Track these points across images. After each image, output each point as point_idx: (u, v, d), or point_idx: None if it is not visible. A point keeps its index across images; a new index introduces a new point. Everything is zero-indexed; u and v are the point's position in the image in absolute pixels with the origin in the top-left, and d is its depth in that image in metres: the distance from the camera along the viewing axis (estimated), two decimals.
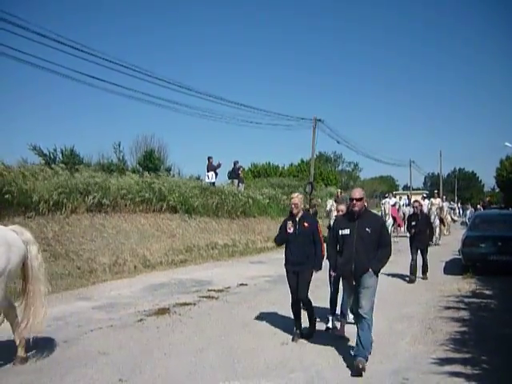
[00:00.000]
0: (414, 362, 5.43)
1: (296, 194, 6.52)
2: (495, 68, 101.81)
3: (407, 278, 10.89)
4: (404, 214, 24.00)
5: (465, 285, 10.20)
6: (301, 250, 6.19)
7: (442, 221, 21.40)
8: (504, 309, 8.10)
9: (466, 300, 8.74)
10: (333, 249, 5.67)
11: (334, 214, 19.56)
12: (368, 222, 5.41)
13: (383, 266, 5.42)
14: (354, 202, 5.39)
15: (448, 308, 8.08)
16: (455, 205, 52.98)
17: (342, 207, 6.73)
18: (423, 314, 7.66)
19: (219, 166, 19.92)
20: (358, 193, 5.46)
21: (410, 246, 11.34)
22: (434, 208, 20.16)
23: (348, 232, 5.40)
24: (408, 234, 11.90)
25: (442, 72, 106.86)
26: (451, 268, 12.58)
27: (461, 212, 46.14)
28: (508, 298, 8.99)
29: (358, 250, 5.30)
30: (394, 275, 11.19)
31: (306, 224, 6.26)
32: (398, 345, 6.11)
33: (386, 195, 24.87)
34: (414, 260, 11.01)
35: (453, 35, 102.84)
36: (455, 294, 9.29)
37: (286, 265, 6.37)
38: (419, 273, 11.09)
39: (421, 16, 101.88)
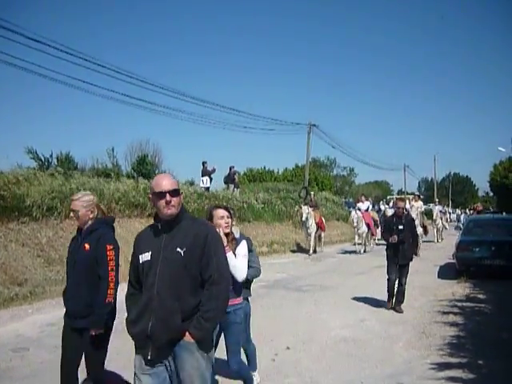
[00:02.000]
0: (408, 367, 5.43)
1: (78, 196, 3.93)
2: (490, 72, 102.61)
3: (383, 305, 8.58)
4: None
5: (459, 289, 10.22)
6: (77, 291, 3.72)
7: (424, 228, 17.98)
8: (498, 313, 8.11)
9: (461, 304, 8.76)
10: (129, 290, 3.13)
11: (311, 222, 17.48)
12: (182, 235, 2.90)
13: (214, 325, 2.98)
14: (168, 197, 2.92)
15: (442, 312, 8.09)
16: (447, 209, 52.65)
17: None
18: (417, 319, 7.67)
19: (214, 170, 19.92)
20: (167, 181, 2.99)
21: (388, 259, 8.46)
22: (413, 212, 16.26)
23: (149, 257, 2.95)
24: (385, 243, 8.74)
25: (437, 77, 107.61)
26: (445, 272, 12.60)
27: (453, 217, 46.05)
28: (502, 302, 9.00)
29: (160, 290, 2.83)
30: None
31: (86, 245, 3.78)
32: (392, 349, 6.11)
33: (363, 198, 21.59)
34: (393, 280, 8.36)
35: (449, 40, 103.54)
36: (449, 298, 9.31)
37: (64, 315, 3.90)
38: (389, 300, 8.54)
39: (420, 18, 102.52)
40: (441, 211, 24.58)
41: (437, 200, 30.65)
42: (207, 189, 19.19)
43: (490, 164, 52.79)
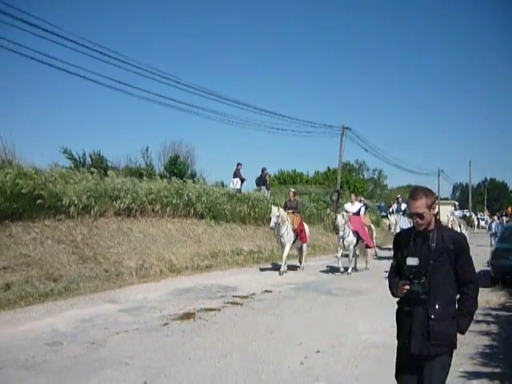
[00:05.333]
0: None
1: None
2: None
3: None
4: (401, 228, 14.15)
5: (493, 297, 10.00)
6: None
7: None
8: None
9: (495, 313, 8.57)
10: None
11: (285, 229, 13.11)
12: None
13: None
14: None
15: (476, 321, 7.89)
16: (473, 215, 49.98)
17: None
18: None
19: (243, 180, 19.88)
20: None
21: (398, 342, 3.48)
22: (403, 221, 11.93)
23: None
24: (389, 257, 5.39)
25: (474, 80, 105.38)
26: (480, 280, 12.24)
27: (478, 223, 44.19)
28: None
29: None
30: None
31: None
32: None
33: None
34: None
35: (483, 43, 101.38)
36: (483, 306, 9.10)
37: None
38: None
39: (453, 21, 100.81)
40: (461, 217, 21.73)
41: (456, 203, 26.74)
42: (239, 190, 19.24)
43: None
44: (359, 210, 14.89)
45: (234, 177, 19.71)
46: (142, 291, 9.90)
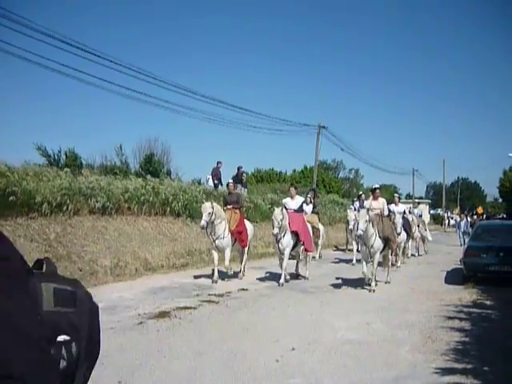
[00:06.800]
0: (413, 371, 5.41)
1: None
2: (500, 78, 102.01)
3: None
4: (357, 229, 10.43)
5: (466, 295, 10.17)
6: None
7: (388, 245, 10.86)
8: (505, 319, 8.06)
9: (467, 310, 8.71)
10: None
11: (222, 229, 11.06)
12: None
13: None
14: None
15: (449, 317, 8.05)
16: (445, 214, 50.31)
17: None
18: (424, 323, 7.64)
19: (220, 180, 19.73)
20: None
21: None
22: (363, 218, 9.98)
23: None
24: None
25: (447, 82, 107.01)
26: (452, 278, 12.54)
27: (449, 222, 44.69)
28: (509, 308, 8.96)
29: None
30: (395, 282, 11.19)
31: None
32: (398, 353, 6.09)
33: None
34: None
35: (457, 44, 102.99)
36: (456, 303, 9.27)
37: None
38: None
39: (430, 25, 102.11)
40: (420, 216, 20.50)
41: (417, 201, 24.25)
42: (215, 187, 19.16)
43: (500, 170, 52.72)
44: (301, 205, 12.33)
45: (213, 175, 19.60)
46: (117, 290, 9.80)
